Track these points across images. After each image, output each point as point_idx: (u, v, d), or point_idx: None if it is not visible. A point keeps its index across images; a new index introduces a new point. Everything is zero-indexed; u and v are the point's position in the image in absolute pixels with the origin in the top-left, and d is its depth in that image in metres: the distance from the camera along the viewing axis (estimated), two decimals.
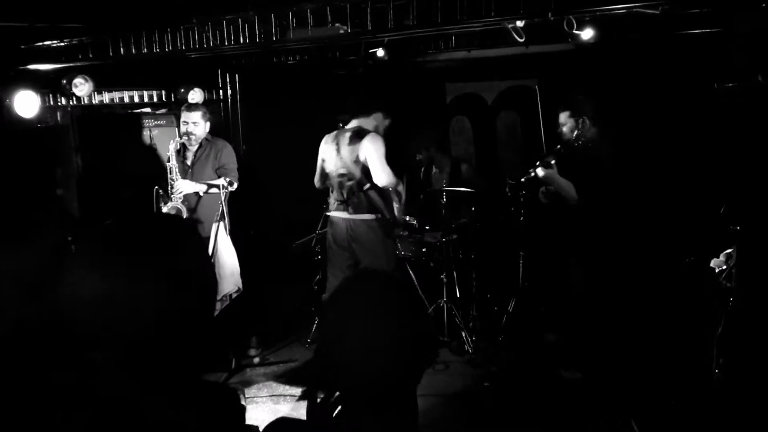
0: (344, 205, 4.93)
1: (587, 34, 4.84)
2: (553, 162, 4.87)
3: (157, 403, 1.25)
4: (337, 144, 4.91)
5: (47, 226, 2.20)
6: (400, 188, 5.07)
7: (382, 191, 4.91)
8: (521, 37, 3.96)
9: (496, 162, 7.38)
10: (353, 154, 4.81)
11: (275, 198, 6.93)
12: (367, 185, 4.85)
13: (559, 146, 4.93)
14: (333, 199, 5.05)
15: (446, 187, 5.96)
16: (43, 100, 5.75)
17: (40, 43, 5.28)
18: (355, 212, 4.91)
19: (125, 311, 1.22)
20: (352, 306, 1.43)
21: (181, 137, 5.37)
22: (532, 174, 4.98)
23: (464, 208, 6.16)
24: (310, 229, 6.14)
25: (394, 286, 1.51)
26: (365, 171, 4.81)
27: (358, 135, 4.84)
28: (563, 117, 4.84)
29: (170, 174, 5.22)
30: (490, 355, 5.50)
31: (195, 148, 5.40)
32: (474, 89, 7.53)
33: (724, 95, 3.77)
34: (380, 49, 5.87)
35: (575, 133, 4.79)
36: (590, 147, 4.77)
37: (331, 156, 4.95)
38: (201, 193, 5.29)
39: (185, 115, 5.33)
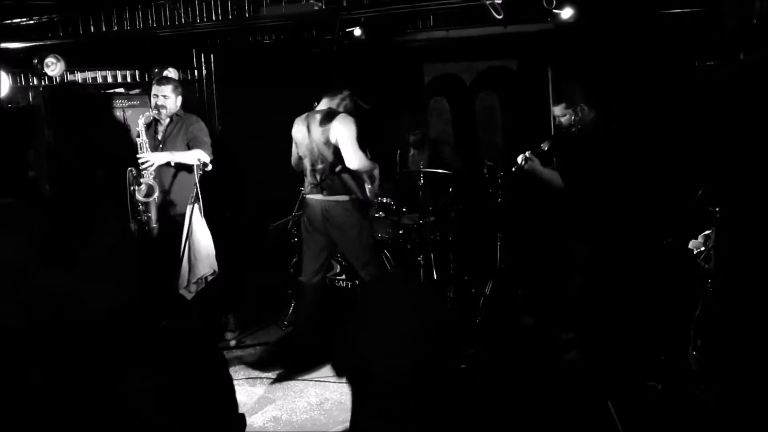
0: (318, 187, 4.88)
1: (567, 13, 4.80)
2: (530, 155, 4.88)
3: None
4: (308, 126, 4.83)
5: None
6: (376, 172, 5.02)
7: (354, 173, 4.84)
8: (499, 14, 3.91)
9: (474, 143, 7.35)
10: (324, 135, 4.72)
11: (252, 179, 6.87)
12: (339, 167, 4.77)
13: (543, 145, 4.93)
14: (307, 181, 4.99)
15: (424, 168, 5.92)
16: (14, 80, 5.65)
17: (9, 21, 5.17)
18: (330, 194, 4.86)
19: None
20: (386, 302, 1.50)
21: (151, 110, 5.25)
22: (518, 164, 4.97)
23: (442, 189, 6.12)
24: (287, 211, 6.08)
25: (423, 289, 1.58)
26: (337, 153, 4.73)
27: (329, 116, 4.75)
28: (558, 110, 4.82)
29: (140, 150, 5.09)
30: (466, 338, 5.48)
31: (166, 123, 5.29)
32: (452, 70, 7.46)
33: (705, 73, 3.75)
34: (357, 28, 5.79)
35: (574, 120, 4.79)
36: (585, 132, 4.78)
37: (303, 138, 4.87)
38: (173, 164, 5.13)
39: (156, 89, 5.21)
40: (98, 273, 1.28)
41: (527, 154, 4.89)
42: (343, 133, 4.67)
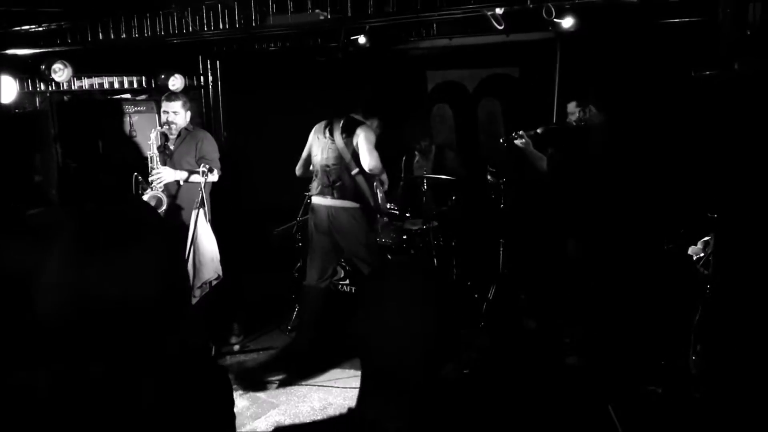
0: (329, 189, 4.98)
1: (567, 22, 4.85)
2: (523, 134, 5.26)
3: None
4: (331, 131, 5.02)
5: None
6: (384, 177, 5.17)
7: (368, 178, 4.99)
8: (500, 25, 3.97)
9: (477, 149, 7.40)
10: (347, 138, 4.94)
11: (256, 185, 6.92)
12: (356, 170, 4.94)
13: (538, 129, 5.27)
14: (317, 183, 5.08)
15: (427, 174, 5.98)
16: (22, 86, 5.70)
17: (18, 28, 5.22)
18: (339, 198, 4.97)
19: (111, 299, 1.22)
20: (389, 290, 1.44)
21: (161, 126, 5.33)
22: (511, 137, 5.35)
23: (446, 195, 6.17)
24: (291, 215, 6.13)
25: (432, 276, 1.54)
26: (355, 156, 4.93)
27: (353, 123, 4.99)
28: (572, 106, 5.17)
29: (151, 163, 5.17)
30: (470, 342, 5.52)
31: (175, 137, 5.36)
32: (455, 77, 7.53)
33: (702, 83, 3.80)
34: (362, 36, 5.85)
35: (579, 118, 5.10)
36: (587, 129, 5.03)
37: (323, 143, 5.04)
38: (181, 182, 5.26)
39: (165, 105, 5.29)
40: (146, 268, 1.30)
41: (521, 132, 5.23)
42: (364, 137, 4.91)
